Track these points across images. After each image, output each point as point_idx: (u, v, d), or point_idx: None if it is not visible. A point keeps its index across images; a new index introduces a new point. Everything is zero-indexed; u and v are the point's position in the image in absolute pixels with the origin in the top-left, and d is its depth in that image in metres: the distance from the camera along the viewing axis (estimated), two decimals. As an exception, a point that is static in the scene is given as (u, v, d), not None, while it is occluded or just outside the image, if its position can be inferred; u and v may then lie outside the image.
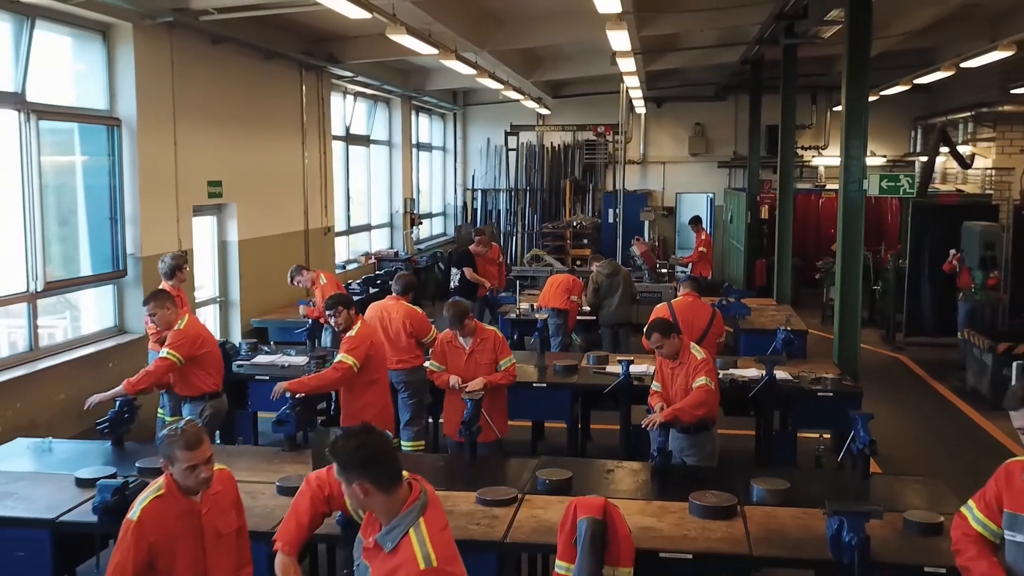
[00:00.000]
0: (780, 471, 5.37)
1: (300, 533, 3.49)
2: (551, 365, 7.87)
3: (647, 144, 20.10)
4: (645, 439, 5.87)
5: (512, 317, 10.54)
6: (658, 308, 7.83)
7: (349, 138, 15.14)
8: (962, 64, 12.86)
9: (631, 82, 14.60)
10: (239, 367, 7.66)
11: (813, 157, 19.58)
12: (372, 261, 15.43)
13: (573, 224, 18.70)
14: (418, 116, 18.65)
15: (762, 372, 7.09)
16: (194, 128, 9.65)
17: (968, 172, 16.55)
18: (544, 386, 7.42)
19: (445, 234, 20.57)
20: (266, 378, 7.45)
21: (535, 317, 9.86)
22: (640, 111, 18.71)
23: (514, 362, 6.51)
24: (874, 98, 15.77)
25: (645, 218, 17.59)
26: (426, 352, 7.20)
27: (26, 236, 7.69)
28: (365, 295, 12.18)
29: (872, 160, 17.71)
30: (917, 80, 15.07)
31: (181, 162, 9.38)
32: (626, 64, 12.04)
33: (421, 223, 18.25)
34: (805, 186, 18.78)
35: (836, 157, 9.38)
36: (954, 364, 11.15)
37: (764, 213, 16.82)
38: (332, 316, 6.36)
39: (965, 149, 16.02)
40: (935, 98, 17.88)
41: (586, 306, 10.53)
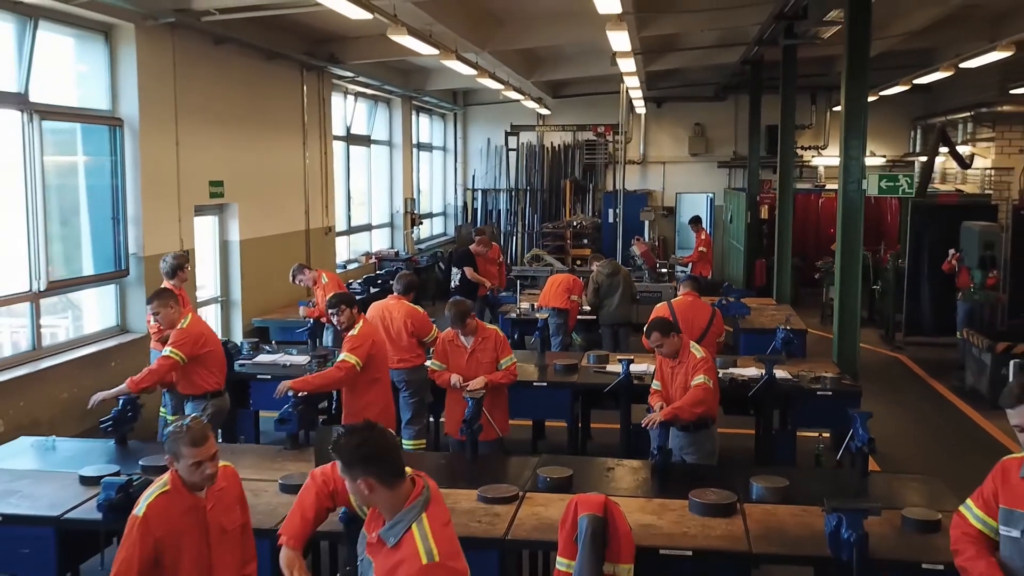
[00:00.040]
0: (779, 470, 5.40)
1: (305, 527, 3.52)
2: (551, 364, 7.89)
3: (647, 144, 20.12)
4: (645, 438, 5.89)
5: (512, 317, 10.55)
6: (658, 307, 7.86)
7: (350, 138, 15.17)
8: (961, 64, 12.88)
9: (631, 82, 14.62)
10: (241, 366, 7.68)
11: (813, 157, 19.59)
12: (373, 261, 15.45)
13: (573, 224, 18.72)
14: (418, 116, 18.67)
15: (762, 371, 7.11)
16: (196, 128, 9.68)
17: (967, 172, 16.57)
18: (545, 385, 7.44)
19: (445, 234, 20.59)
20: (268, 377, 7.48)
21: (535, 317, 9.89)
22: (640, 111, 18.72)
23: (515, 361, 6.55)
24: (874, 98, 15.79)
25: (645, 218, 17.60)
26: (427, 351, 7.23)
27: (29, 236, 7.73)
28: (366, 295, 12.20)
29: (872, 160, 17.73)
30: (917, 80, 15.09)
31: (183, 162, 9.42)
32: (626, 64, 12.06)
33: (421, 223, 18.27)
34: (805, 186, 18.79)
35: (836, 157, 9.40)
36: (953, 364, 11.16)
37: (764, 213, 16.84)
38: (335, 315, 6.39)
39: (964, 149, 16.04)
40: (935, 98, 17.90)
41: (586, 306, 10.55)
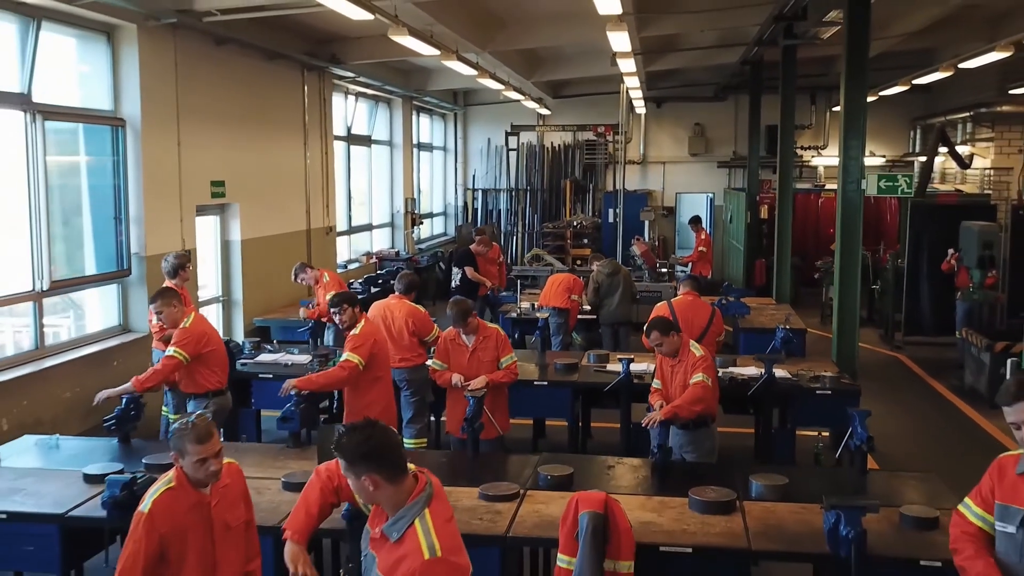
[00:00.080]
0: (779, 468, 5.43)
1: (309, 522, 3.56)
2: (552, 363, 7.92)
3: (647, 144, 20.15)
4: (645, 437, 5.91)
5: (513, 316, 10.60)
6: (658, 307, 7.89)
7: (351, 138, 15.20)
8: (961, 65, 12.91)
9: (631, 82, 14.64)
10: (243, 365, 7.70)
11: (812, 157, 19.62)
12: (373, 261, 15.48)
13: (573, 224, 18.76)
14: (419, 116, 18.70)
15: (761, 370, 7.14)
16: (197, 128, 9.71)
17: (967, 172, 16.60)
18: (545, 384, 7.47)
19: (446, 234, 20.62)
20: (269, 376, 7.51)
21: (536, 316, 9.90)
22: (640, 111, 18.75)
23: (515, 360, 6.57)
24: (873, 98, 15.82)
25: (645, 218, 17.62)
26: (428, 351, 7.26)
27: (32, 236, 7.77)
28: (367, 294, 12.23)
29: (871, 160, 17.76)
30: (916, 80, 15.12)
31: (185, 162, 9.45)
32: (626, 65, 12.09)
33: (422, 223, 18.29)
34: (804, 186, 18.82)
35: (835, 157, 9.43)
36: (952, 363, 11.18)
37: (764, 213, 16.86)
38: (337, 314, 6.42)
39: (964, 149, 16.06)
40: (934, 98, 17.92)
41: (587, 305, 10.58)
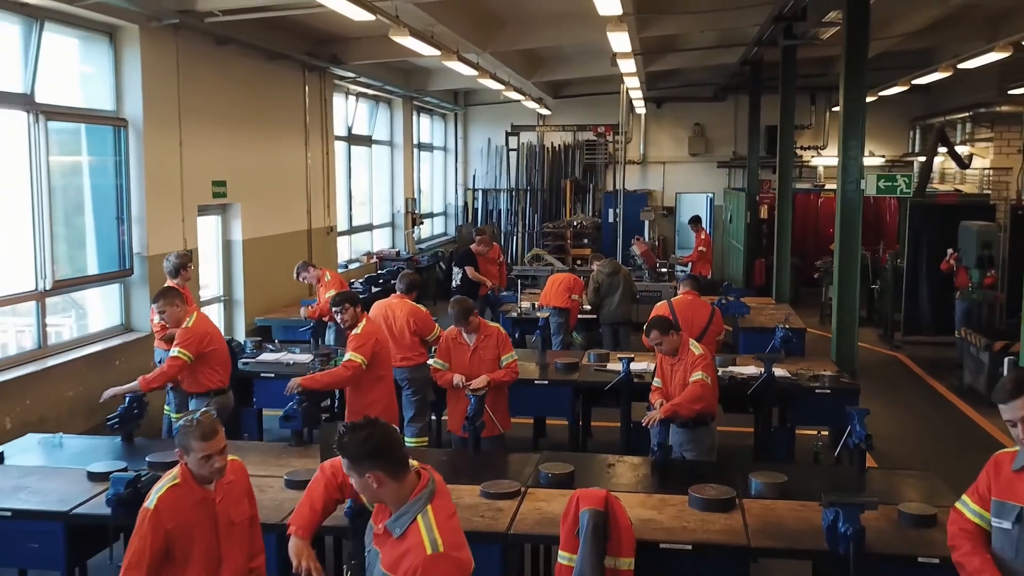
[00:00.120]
0: (778, 466, 5.47)
1: (313, 518, 3.59)
2: (552, 363, 7.95)
3: (647, 144, 20.18)
4: (645, 436, 5.95)
5: (514, 316, 10.63)
6: (658, 306, 7.93)
7: (351, 138, 15.23)
8: (960, 65, 12.94)
9: (631, 83, 14.67)
10: (245, 365, 7.73)
11: (812, 157, 19.64)
12: (374, 260, 15.51)
13: (574, 224, 18.79)
14: (419, 116, 18.73)
15: (761, 370, 7.17)
16: (199, 129, 9.73)
17: (966, 172, 16.63)
18: (546, 383, 7.50)
19: (446, 234, 20.66)
20: (271, 375, 7.56)
21: (536, 316, 9.94)
22: (640, 111, 18.78)
23: (516, 358, 6.60)
24: (873, 98, 15.86)
25: (645, 218, 17.65)
26: (429, 350, 7.30)
27: (35, 235, 7.79)
28: (367, 294, 12.26)
29: (871, 160, 17.80)
30: (916, 81, 15.14)
31: (186, 162, 9.47)
32: (626, 65, 12.12)
33: (422, 223, 18.32)
34: (804, 186, 18.84)
35: (835, 157, 9.46)
36: (951, 362, 11.21)
37: (763, 213, 16.90)
38: (339, 313, 6.46)
39: (963, 149, 16.08)
40: (934, 98, 17.95)
41: (587, 305, 10.61)
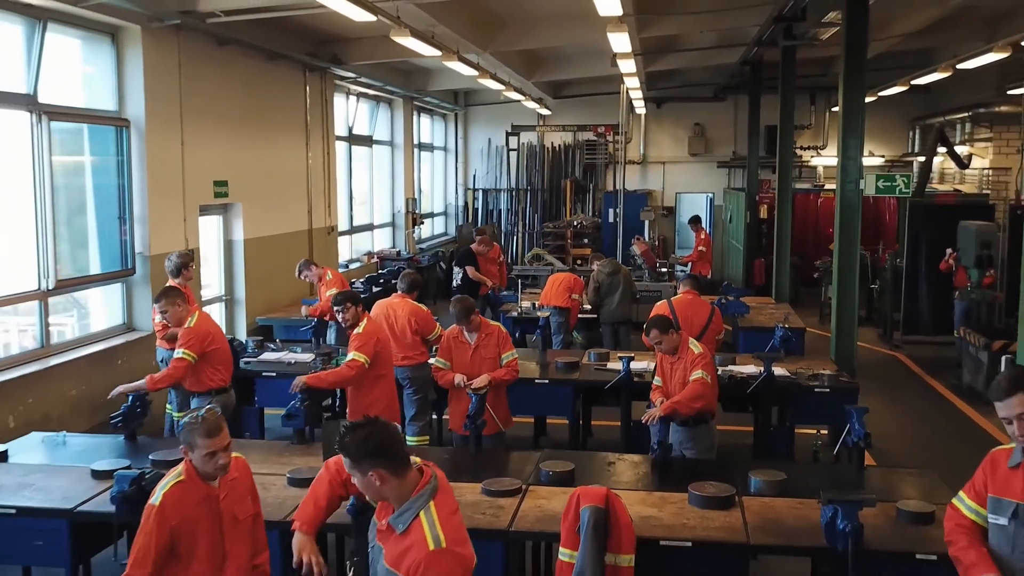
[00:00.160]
0: (778, 464, 5.50)
1: (318, 514, 3.62)
2: (553, 362, 7.98)
3: (647, 144, 20.20)
4: (645, 434, 5.98)
5: (514, 315, 10.67)
6: (658, 306, 7.95)
7: (352, 138, 15.25)
8: (959, 65, 12.97)
9: (631, 83, 14.69)
10: (246, 364, 7.75)
11: (812, 157, 19.67)
12: (375, 260, 15.54)
13: (574, 224, 18.81)
14: (420, 116, 18.76)
15: (760, 369, 7.20)
16: (201, 129, 9.77)
17: (965, 172, 16.66)
18: (546, 382, 7.53)
19: (447, 233, 20.69)
20: (273, 375, 7.59)
21: (537, 315, 9.98)
22: (640, 111, 18.80)
23: (516, 356, 6.62)
24: (873, 99, 15.89)
25: (645, 218, 17.67)
26: (430, 349, 7.33)
27: (38, 235, 7.82)
28: (368, 294, 12.29)
29: (871, 160, 17.82)
30: (915, 81, 15.18)
31: (188, 162, 9.51)
32: (626, 65, 12.14)
33: (423, 223, 18.35)
34: (804, 186, 18.87)
35: (834, 157, 9.49)
36: (950, 362, 11.24)
37: (763, 213, 16.93)
38: (340, 312, 6.49)
39: (962, 149, 16.12)
40: (933, 99, 17.98)
41: (587, 304, 10.64)
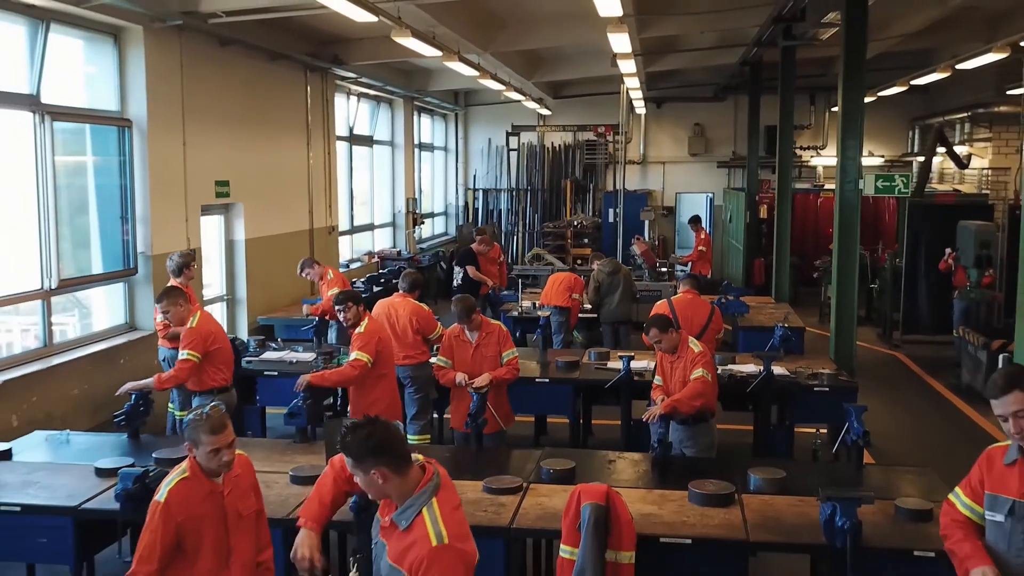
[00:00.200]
0: (777, 463, 5.50)
1: (323, 511, 3.65)
2: (553, 361, 8.01)
3: (647, 144, 20.23)
4: (645, 433, 6.01)
5: (515, 315, 10.70)
6: (658, 305, 7.99)
7: (352, 138, 15.28)
8: (959, 65, 13.00)
9: (631, 83, 14.72)
10: (248, 363, 7.79)
11: (811, 157, 19.70)
12: (375, 260, 15.57)
13: (574, 223, 18.84)
14: (420, 116, 18.79)
15: (760, 368, 7.23)
16: (202, 129, 9.80)
17: (964, 172, 16.69)
18: (547, 382, 7.56)
19: (447, 233, 20.72)
20: (274, 374, 7.62)
21: (537, 315, 9.99)
22: (640, 112, 18.82)
23: (516, 355, 6.64)
24: (872, 99, 15.92)
25: (645, 217, 17.70)
26: (432, 348, 7.36)
27: (40, 235, 7.85)
28: (369, 294, 12.31)
29: (870, 160, 17.85)
30: (914, 81, 15.20)
31: (190, 162, 9.54)
32: (626, 66, 12.17)
33: (423, 222, 18.38)
34: (803, 186, 18.88)
35: (834, 157, 9.52)
36: (950, 361, 11.26)
37: (763, 213, 16.96)
38: (341, 311, 6.51)
39: (962, 149, 16.14)
40: (932, 99, 18.01)
41: (587, 304, 10.67)
